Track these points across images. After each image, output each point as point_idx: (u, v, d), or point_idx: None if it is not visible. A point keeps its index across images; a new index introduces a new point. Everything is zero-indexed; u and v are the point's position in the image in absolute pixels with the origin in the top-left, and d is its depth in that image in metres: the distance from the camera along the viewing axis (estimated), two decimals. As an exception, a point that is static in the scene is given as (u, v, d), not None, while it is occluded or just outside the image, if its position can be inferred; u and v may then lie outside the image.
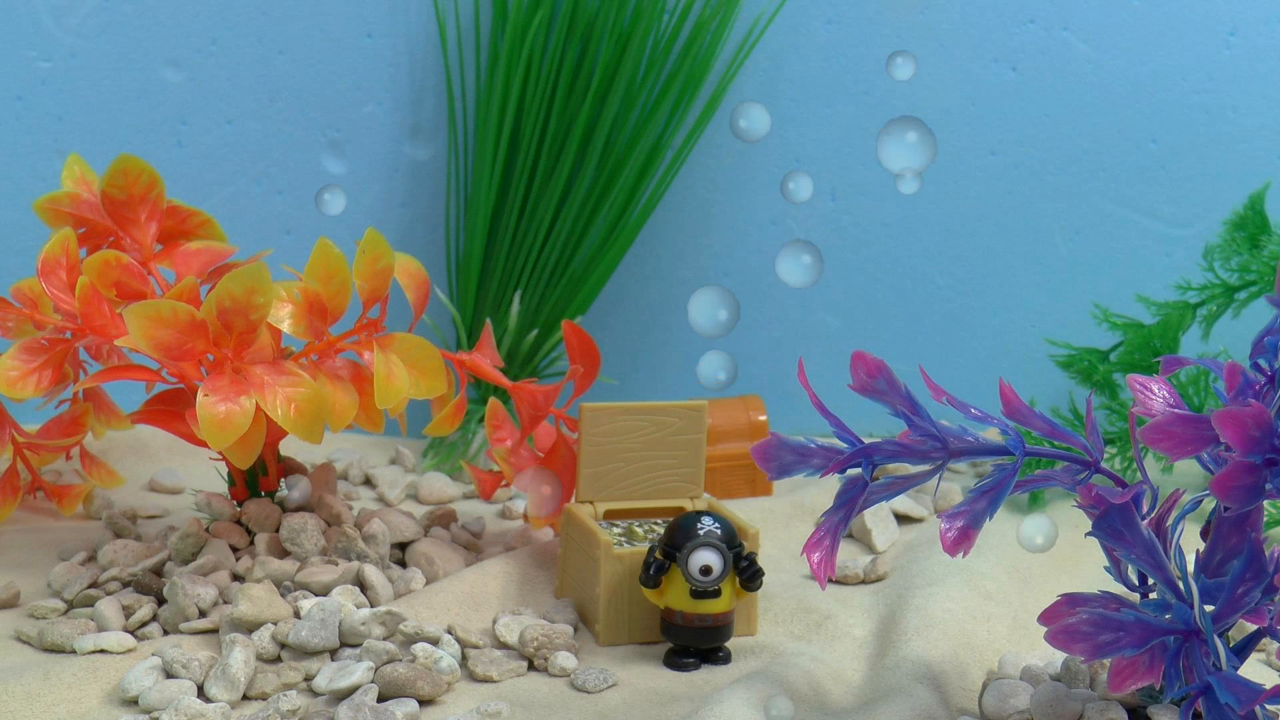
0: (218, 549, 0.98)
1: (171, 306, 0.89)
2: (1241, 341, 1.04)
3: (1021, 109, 1.45)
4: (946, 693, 0.85)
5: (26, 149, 1.35)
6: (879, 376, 0.77)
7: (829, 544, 0.75)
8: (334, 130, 1.39)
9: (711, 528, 0.89)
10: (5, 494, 1.08)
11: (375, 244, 0.97)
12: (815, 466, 0.77)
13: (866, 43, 1.43)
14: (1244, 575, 0.70)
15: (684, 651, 0.91)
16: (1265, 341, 0.75)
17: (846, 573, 1.06)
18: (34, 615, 0.94)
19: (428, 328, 1.38)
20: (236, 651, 0.84)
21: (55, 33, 1.33)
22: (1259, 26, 1.45)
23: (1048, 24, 1.44)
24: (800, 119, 1.44)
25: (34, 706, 0.81)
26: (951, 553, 0.73)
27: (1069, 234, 1.47)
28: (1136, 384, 0.77)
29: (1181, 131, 1.46)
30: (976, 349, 1.49)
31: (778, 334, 1.47)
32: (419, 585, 0.99)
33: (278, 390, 0.90)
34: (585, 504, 0.99)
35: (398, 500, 1.22)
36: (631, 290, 1.46)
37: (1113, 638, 0.70)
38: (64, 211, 1.06)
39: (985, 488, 0.74)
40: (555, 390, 1.05)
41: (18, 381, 0.97)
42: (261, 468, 1.03)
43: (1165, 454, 0.69)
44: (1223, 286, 1.28)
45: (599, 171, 1.35)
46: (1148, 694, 0.78)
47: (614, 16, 1.33)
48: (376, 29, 1.38)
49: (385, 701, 0.82)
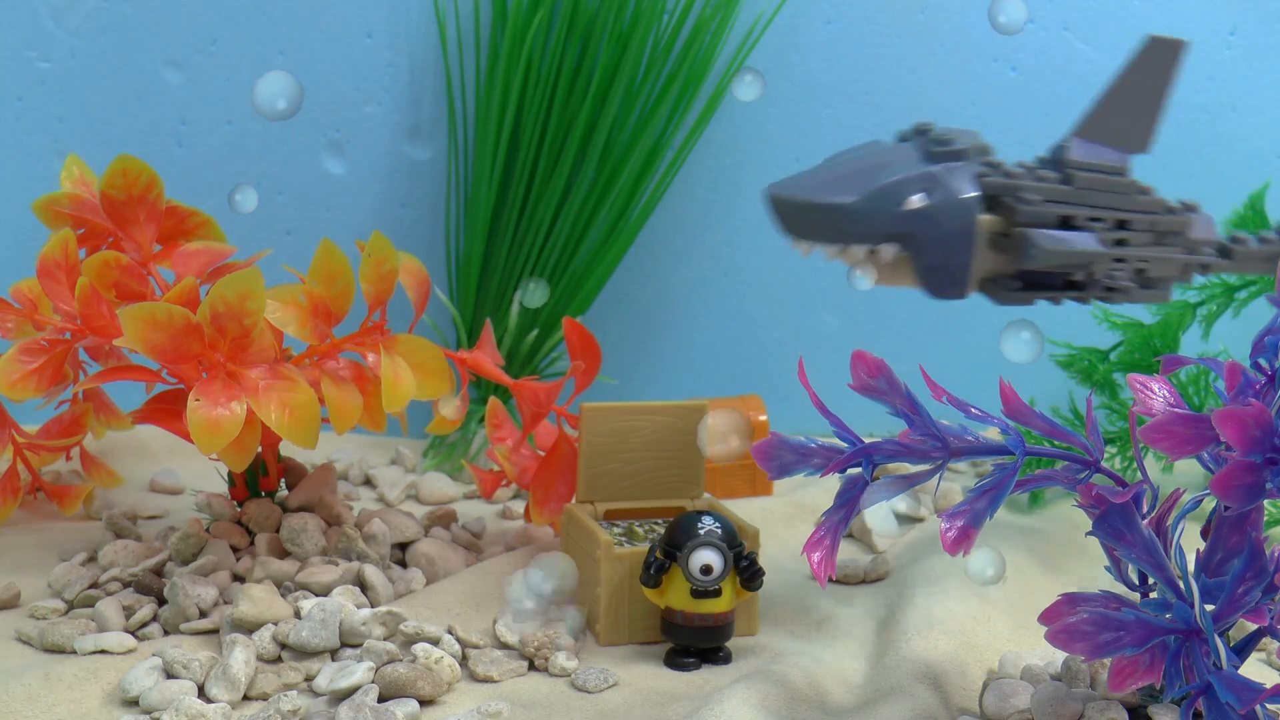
0: (218, 549, 0.98)
1: (166, 309, 0.89)
2: (1241, 341, 1.04)
3: (1021, 109, 1.45)
4: (947, 692, 0.85)
5: (26, 149, 1.35)
6: (879, 376, 0.77)
7: (829, 544, 0.75)
8: (334, 130, 1.39)
9: (712, 527, 0.89)
10: (5, 494, 1.08)
11: (381, 247, 0.97)
12: (815, 466, 0.77)
13: (866, 43, 1.43)
14: (1244, 574, 0.70)
15: (684, 651, 0.91)
16: (1265, 341, 0.75)
17: (846, 573, 1.06)
18: (34, 616, 0.94)
19: (428, 327, 1.38)
20: (237, 652, 0.84)
21: (55, 33, 1.33)
22: (1259, 26, 1.45)
23: (1048, 24, 1.44)
24: (800, 119, 1.44)
25: (34, 707, 0.81)
26: (952, 552, 0.73)
27: (1069, 234, 1.47)
28: (1137, 383, 0.77)
29: (1181, 131, 1.47)
30: (976, 349, 1.49)
31: (778, 334, 1.47)
32: (419, 585, 0.99)
33: (272, 395, 0.90)
34: (585, 504, 0.99)
35: (398, 500, 1.23)
36: (631, 290, 1.46)
37: (1113, 637, 0.70)
38: (63, 212, 1.06)
39: (985, 487, 0.74)
40: (557, 387, 1.05)
41: (18, 382, 0.97)
42: (262, 468, 1.03)
43: (1165, 453, 0.69)
44: (1223, 286, 1.28)
45: (599, 171, 1.35)
46: (1148, 693, 0.78)
47: (614, 16, 1.33)
48: (376, 29, 1.38)
49: (386, 702, 0.82)
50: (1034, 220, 0.84)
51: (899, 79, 1.43)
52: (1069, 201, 0.86)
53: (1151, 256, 0.89)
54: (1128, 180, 0.89)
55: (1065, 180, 0.86)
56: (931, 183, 0.83)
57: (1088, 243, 0.85)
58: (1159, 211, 0.90)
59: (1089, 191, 0.87)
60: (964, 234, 0.84)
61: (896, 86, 1.43)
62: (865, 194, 0.83)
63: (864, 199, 0.83)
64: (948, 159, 0.85)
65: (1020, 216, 0.84)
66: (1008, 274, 0.87)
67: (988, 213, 0.85)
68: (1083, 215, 0.86)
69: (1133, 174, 0.90)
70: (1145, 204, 0.89)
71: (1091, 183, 0.87)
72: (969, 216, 0.84)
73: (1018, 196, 0.84)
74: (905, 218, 0.83)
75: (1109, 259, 0.87)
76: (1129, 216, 0.88)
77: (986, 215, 0.85)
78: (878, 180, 0.84)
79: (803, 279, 1.47)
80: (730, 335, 1.48)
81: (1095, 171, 0.87)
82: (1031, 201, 0.84)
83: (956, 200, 0.84)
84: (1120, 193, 0.88)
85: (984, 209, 0.85)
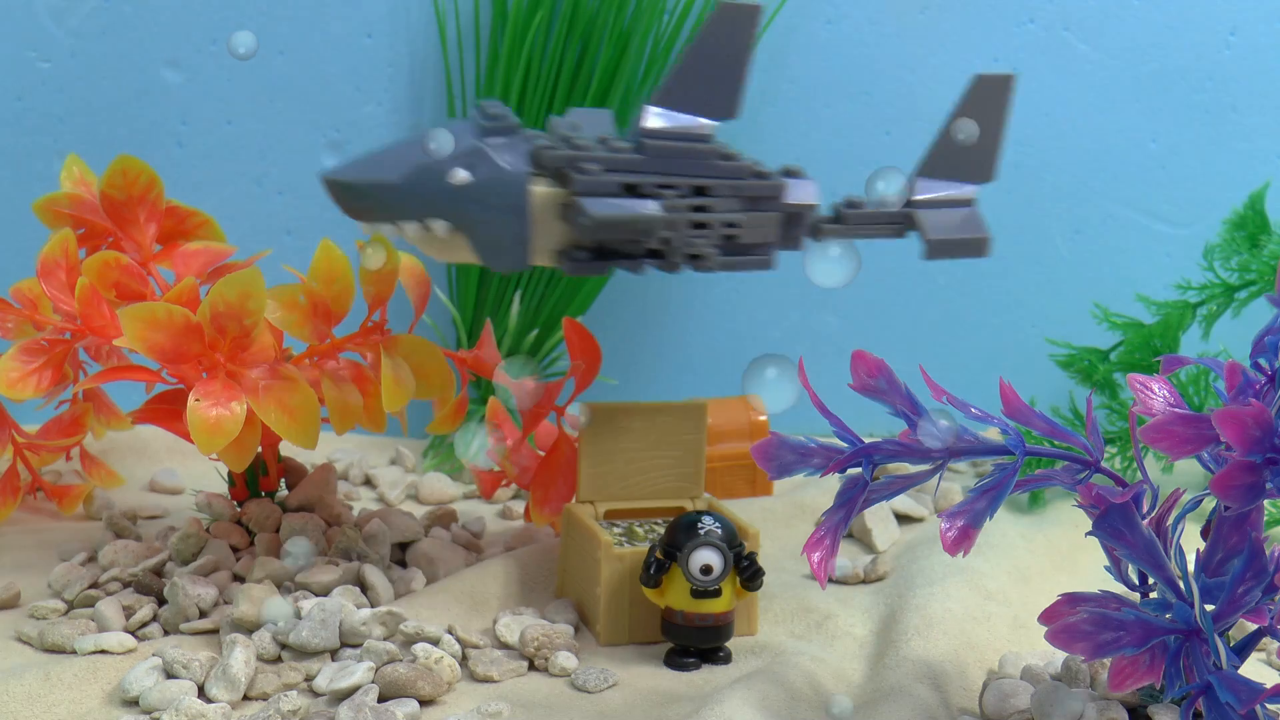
0: (218, 549, 0.98)
1: (166, 309, 0.89)
2: (1241, 341, 1.04)
3: (1021, 109, 1.45)
4: (947, 692, 0.85)
5: (26, 149, 1.35)
6: (879, 376, 0.77)
7: (829, 544, 0.76)
8: (334, 130, 1.39)
9: (712, 527, 0.89)
10: (5, 494, 1.08)
11: (381, 247, 0.97)
12: (815, 466, 0.77)
13: (866, 43, 1.43)
14: (1244, 574, 0.70)
15: (684, 651, 0.91)
16: (1265, 341, 0.75)
17: (846, 573, 1.06)
18: (34, 616, 0.94)
19: (428, 327, 1.38)
20: (237, 652, 0.84)
21: (55, 33, 1.33)
22: (1259, 26, 1.45)
23: (1048, 24, 1.44)
24: (800, 119, 1.44)
25: (34, 707, 0.81)
26: (952, 552, 0.73)
27: (1069, 234, 1.47)
28: (1137, 383, 0.77)
29: (1181, 131, 1.47)
30: (976, 349, 1.49)
31: (777, 334, 1.47)
32: (419, 585, 0.99)
33: (271, 395, 0.90)
34: (585, 504, 0.99)
35: (398, 500, 1.22)
36: (632, 290, 1.46)
37: (1113, 637, 0.70)
38: (63, 212, 1.06)
39: (985, 487, 0.74)
40: (557, 387, 1.05)
41: (18, 382, 0.97)
42: (262, 468, 1.03)
43: (1165, 453, 0.69)
44: (1223, 286, 1.28)
45: (599, 171, 1.35)
46: (1148, 693, 0.78)
47: (614, 16, 1.33)
48: (376, 29, 1.38)
49: (386, 701, 0.82)
50: (591, 190, 0.83)
51: (899, 79, 1.43)
52: (637, 170, 0.85)
53: (741, 221, 0.88)
54: (709, 147, 0.88)
55: (637, 150, 0.86)
56: (477, 158, 0.83)
57: (646, 208, 0.84)
58: (745, 177, 0.89)
59: (660, 159, 0.86)
60: (515, 207, 0.84)
61: (896, 86, 1.43)
62: (408, 171, 0.83)
63: (406, 176, 0.83)
64: (500, 134, 0.85)
65: (576, 186, 0.83)
66: (579, 245, 0.86)
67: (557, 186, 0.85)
68: (650, 183, 0.85)
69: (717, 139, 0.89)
70: (728, 169, 0.88)
71: (664, 150, 0.86)
72: (518, 190, 0.83)
73: (576, 167, 0.83)
74: (449, 193, 0.83)
75: (685, 225, 0.86)
76: (708, 183, 0.87)
77: (549, 188, 0.84)
78: (422, 158, 0.84)
79: (803, 279, 1.47)
80: (730, 335, 1.48)
81: (670, 139, 0.86)
82: (589, 172, 0.83)
83: (503, 174, 0.83)
84: (698, 159, 0.87)
85: (556, 183, 0.85)
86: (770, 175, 0.91)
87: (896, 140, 1.44)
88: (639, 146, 0.86)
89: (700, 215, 0.87)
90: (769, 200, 0.90)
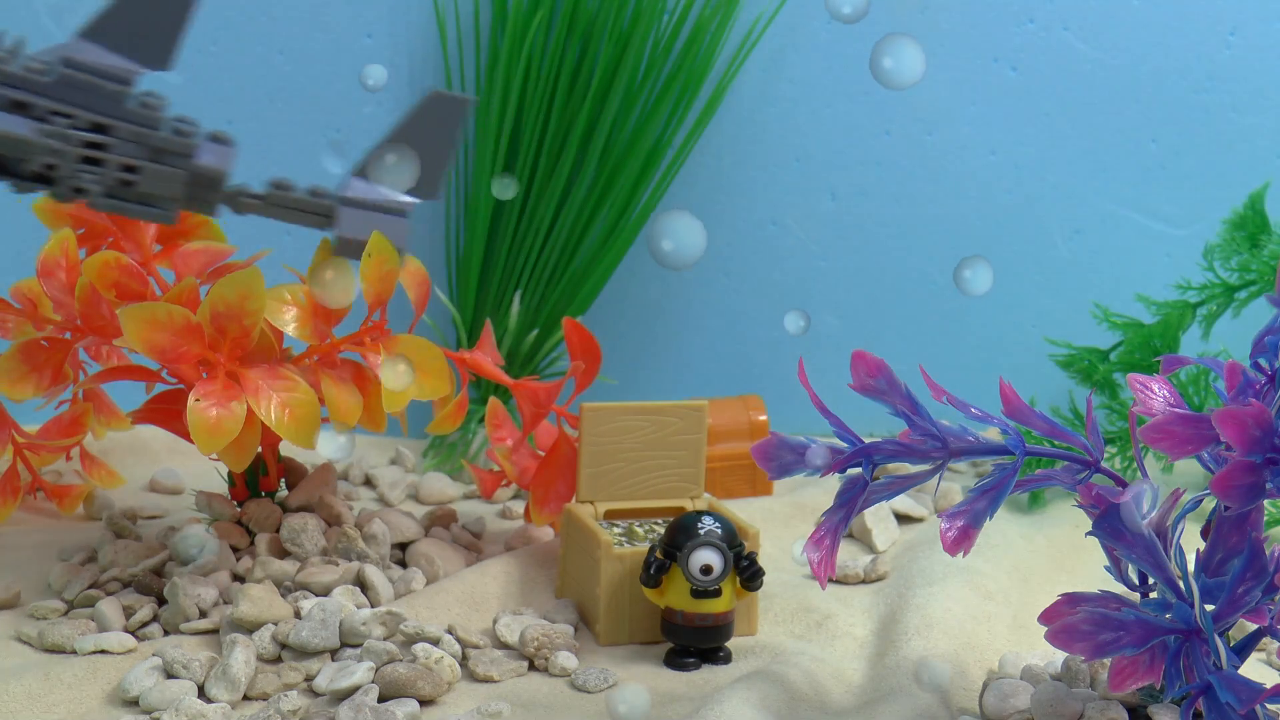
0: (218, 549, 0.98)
1: (166, 309, 0.89)
2: (1241, 341, 1.04)
3: (1021, 109, 1.45)
4: (947, 692, 0.85)
5: (26, 149, 1.34)
6: (879, 376, 0.77)
7: (829, 544, 0.75)
8: (334, 130, 1.39)
9: (712, 527, 0.89)
10: (5, 494, 1.08)
11: (382, 248, 0.97)
12: (815, 466, 0.77)
13: (866, 43, 1.42)
14: (1244, 574, 0.70)
15: (684, 651, 0.91)
16: (1265, 341, 0.75)
17: (846, 573, 1.06)
18: (34, 616, 0.94)
19: (428, 327, 1.38)
20: (237, 652, 0.84)
21: (55, 33, 1.33)
22: (1259, 26, 1.45)
23: (1048, 24, 1.44)
24: (800, 119, 1.44)
25: (34, 707, 0.81)
26: (952, 552, 0.73)
27: (1069, 234, 1.47)
28: (1137, 383, 0.77)
29: (1181, 131, 1.47)
30: (976, 349, 1.49)
31: (778, 334, 1.47)
32: (419, 585, 0.99)
33: (271, 395, 0.90)
34: (585, 504, 0.99)
35: (398, 500, 1.22)
36: (631, 290, 1.46)
37: (1113, 637, 0.70)
38: (63, 212, 1.06)
39: (985, 487, 0.74)
40: (557, 387, 1.05)
41: (18, 382, 0.97)
42: (262, 468, 1.03)
43: (1165, 453, 0.69)
44: (1223, 286, 1.28)
45: (599, 171, 1.36)
46: (1148, 693, 0.78)
47: (614, 16, 1.33)
48: (376, 29, 1.38)
49: (386, 702, 0.82)
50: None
51: (899, 79, 1.43)
52: (38, 92, 0.84)
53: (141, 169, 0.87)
54: (125, 89, 0.87)
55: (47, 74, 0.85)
56: None
57: (18, 128, 0.83)
58: (156, 127, 0.88)
59: (67, 88, 0.85)
60: None
61: (896, 86, 1.43)
62: None
63: None
64: None
65: None
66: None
67: None
68: (43, 107, 0.84)
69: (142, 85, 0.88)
70: (135, 115, 0.87)
71: (74, 80, 0.85)
72: None
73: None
74: None
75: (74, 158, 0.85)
76: (111, 123, 0.87)
77: None
78: None
79: (803, 279, 1.47)
80: (730, 335, 1.48)
81: (87, 72, 0.86)
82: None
83: None
84: (109, 98, 0.86)
85: None
86: (192, 135, 0.90)
87: (896, 140, 1.44)
88: (52, 71, 0.85)
89: (91, 152, 0.86)
90: (176, 156, 0.89)
